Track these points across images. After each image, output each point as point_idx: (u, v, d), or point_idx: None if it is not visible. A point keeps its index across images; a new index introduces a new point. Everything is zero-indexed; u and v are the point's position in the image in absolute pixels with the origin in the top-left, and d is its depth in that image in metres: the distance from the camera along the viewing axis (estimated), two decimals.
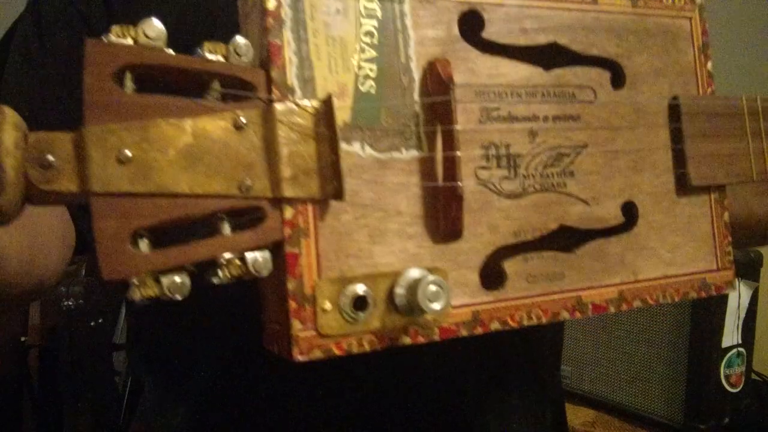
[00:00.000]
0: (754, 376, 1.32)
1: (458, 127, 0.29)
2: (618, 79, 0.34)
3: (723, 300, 1.19)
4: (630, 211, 0.34)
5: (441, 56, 0.30)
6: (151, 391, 0.66)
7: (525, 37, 0.32)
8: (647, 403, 1.26)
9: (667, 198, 0.34)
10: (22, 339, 2.00)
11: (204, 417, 0.59)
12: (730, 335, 1.22)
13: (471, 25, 0.31)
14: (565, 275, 0.32)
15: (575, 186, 0.32)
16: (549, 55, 0.32)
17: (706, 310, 1.19)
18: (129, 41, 0.24)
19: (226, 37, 0.27)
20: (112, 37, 0.24)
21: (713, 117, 0.35)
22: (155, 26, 0.25)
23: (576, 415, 1.33)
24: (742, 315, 1.25)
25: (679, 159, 0.35)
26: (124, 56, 0.24)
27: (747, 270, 1.22)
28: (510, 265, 0.31)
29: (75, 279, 2.03)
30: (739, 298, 1.21)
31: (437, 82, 0.29)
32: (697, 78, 0.36)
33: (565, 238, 0.32)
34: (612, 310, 0.34)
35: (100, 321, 2.05)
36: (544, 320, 0.32)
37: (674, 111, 0.34)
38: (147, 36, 0.24)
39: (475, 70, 0.31)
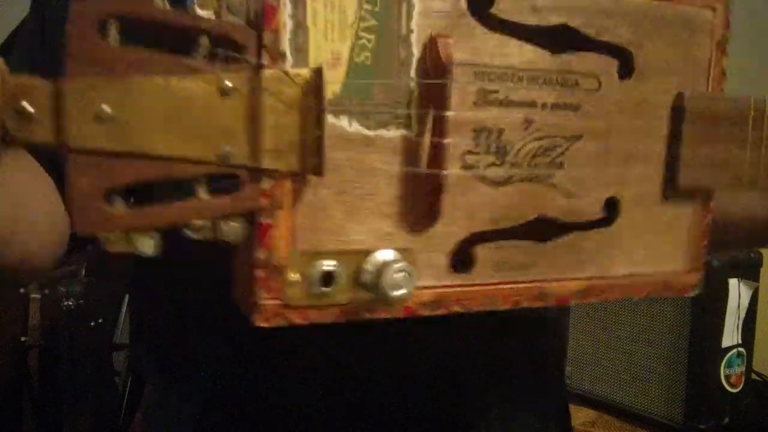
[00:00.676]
0: (754, 376, 1.32)
1: (451, 113, 0.28)
2: (626, 68, 0.32)
3: (723, 300, 1.19)
4: (612, 207, 0.33)
5: (444, 31, 0.28)
6: (154, 390, 0.66)
7: (536, 16, 0.30)
8: (647, 403, 1.26)
9: (652, 197, 0.34)
10: (22, 339, 2.00)
11: (207, 416, 0.59)
12: (730, 335, 1.22)
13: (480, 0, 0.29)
14: (536, 265, 0.32)
15: (562, 178, 0.32)
16: (558, 38, 0.31)
17: (706, 310, 1.19)
18: None
19: None
20: None
21: (716, 119, 0.34)
22: None
23: (576, 415, 1.33)
24: (742, 315, 1.25)
25: (673, 159, 0.34)
26: (109, 6, 0.23)
27: (747, 270, 1.22)
28: (481, 251, 0.31)
29: (75, 279, 2.03)
30: (739, 298, 1.21)
31: (436, 62, 0.28)
32: (709, 75, 0.35)
33: (542, 229, 0.32)
34: (572, 302, 0.34)
35: (100, 321, 2.05)
36: (504, 307, 0.32)
37: (678, 109, 0.33)
38: None
39: (478, 48, 0.29)
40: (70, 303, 1.96)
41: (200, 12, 0.24)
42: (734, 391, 1.24)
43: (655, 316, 1.24)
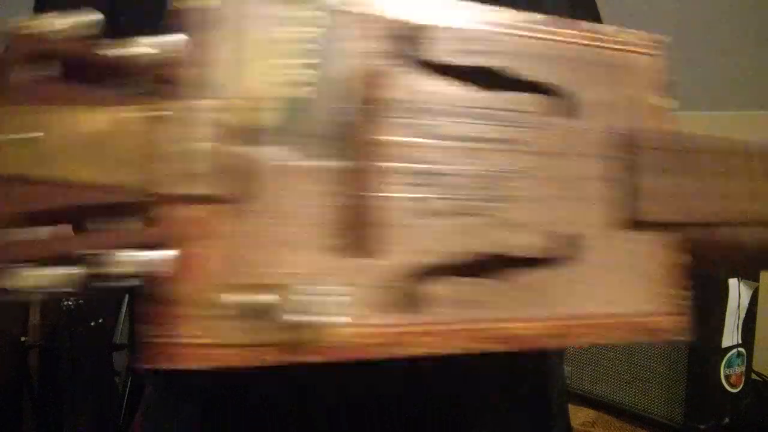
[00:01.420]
0: (754, 376, 1.32)
1: (387, 138, 0.28)
2: (565, 107, 0.33)
3: (723, 300, 1.19)
4: (567, 243, 0.31)
5: (379, 71, 0.29)
6: (154, 390, 0.66)
7: (470, 59, 0.31)
8: (647, 403, 1.26)
9: (612, 232, 0.32)
10: (22, 339, 2.00)
11: (207, 415, 0.59)
12: (730, 335, 1.22)
13: (414, 43, 0.30)
14: (496, 305, 0.30)
15: (509, 212, 0.30)
16: (494, 79, 0.32)
17: (706, 310, 1.19)
18: (48, 28, 0.23)
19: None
20: (31, 24, 0.23)
21: (668, 152, 0.34)
22: (77, 17, 0.24)
23: (576, 415, 1.33)
24: (742, 315, 1.25)
25: (630, 193, 0.33)
26: (29, 45, 0.23)
27: (747, 270, 1.22)
28: (431, 288, 0.29)
29: None
30: (739, 298, 1.21)
31: (370, 97, 0.28)
32: (651, 114, 0.35)
33: (496, 266, 0.30)
34: (542, 346, 0.31)
35: (100, 321, 2.05)
36: (465, 350, 0.29)
37: (626, 143, 0.33)
38: (68, 26, 0.24)
39: (413, 87, 0.30)
40: (70, 303, 1.96)
41: (136, 49, 0.25)
42: (734, 391, 1.24)
43: None
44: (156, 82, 0.25)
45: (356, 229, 0.28)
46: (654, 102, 0.35)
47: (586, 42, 0.34)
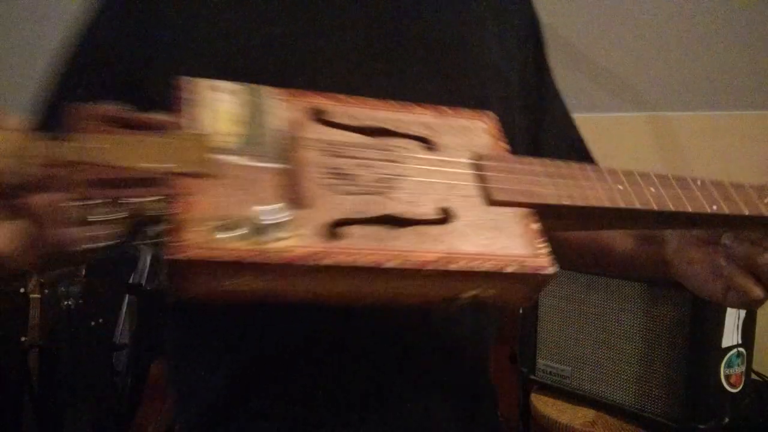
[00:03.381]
0: (754, 376, 1.33)
1: (307, 154, 0.47)
2: (428, 146, 0.51)
3: None
4: (445, 211, 0.47)
5: (298, 124, 0.49)
6: (174, 358, 0.71)
7: (356, 121, 0.51)
8: (647, 403, 1.26)
9: (478, 207, 0.48)
10: (22, 339, 2.00)
11: (244, 380, 0.64)
12: (730, 335, 1.22)
13: (318, 114, 0.51)
14: (396, 240, 0.44)
15: (398, 193, 0.47)
16: (376, 131, 0.51)
17: (706, 310, 1.19)
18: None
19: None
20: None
21: (501, 161, 0.52)
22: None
23: (576, 415, 1.33)
24: (742, 315, 1.25)
25: (481, 186, 0.50)
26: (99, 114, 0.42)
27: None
28: (347, 230, 0.43)
29: (75, 279, 2.03)
30: None
31: (295, 133, 0.48)
32: (487, 147, 0.54)
33: (393, 222, 0.45)
34: (430, 267, 0.43)
35: (100, 321, 2.05)
36: (370, 263, 0.42)
37: (475, 159, 0.51)
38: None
39: (322, 133, 0.49)
40: (70, 303, 1.96)
41: (157, 115, 0.44)
42: (734, 391, 1.24)
43: (655, 316, 1.24)
44: (168, 127, 0.44)
45: (293, 195, 0.44)
46: (492, 145, 0.54)
47: (436, 115, 0.55)
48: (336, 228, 0.43)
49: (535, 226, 0.48)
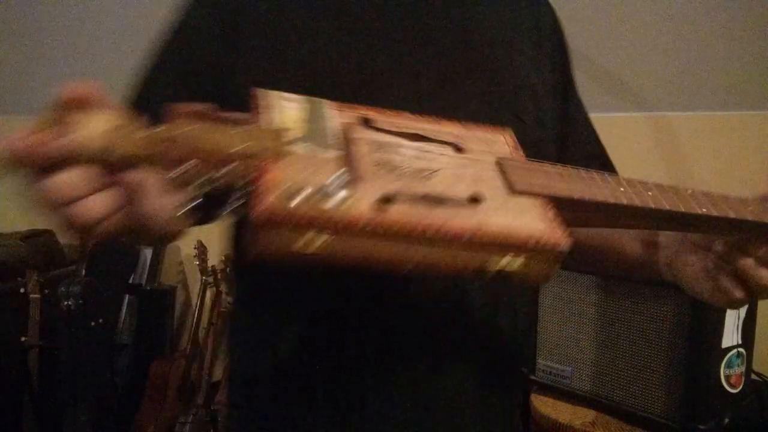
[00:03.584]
0: (754, 376, 1.33)
1: (361, 148, 0.57)
2: (458, 149, 0.61)
3: None
4: (476, 195, 0.55)
5: (351, 127, 0.59)
6: (239, 307, 0.80)
7: (397, 128, 0.61)
8: (647, 403, 1.26)
9: (502, 194, 0.57)
10: (22, 339, 2.00)
11: (310, 342, 0.72)
12: (730, 335, 1.22)
13: (366, 121, 0.61)
14: (434, 214, 0.52)
15: (435, 180, 0.56)
16: (414, 136, 0.61)
17: (706, 311, 1.20)
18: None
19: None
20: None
21: (526, 166, 0.62)
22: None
23: (576, 415, 1.33)
24: (742, 315, 1.25)
25: (503, 177, 0.59)
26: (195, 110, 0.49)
27: None
28: (395, 203, 0.52)
29: (75, 279, 2.03)
30: None
31: (347, 134, 0.58)
32: (510, 153, 0.64)
33: (432, 199, 0.53)
34: (471, 236, 0.52)
35: (100, 321, 2.05)
36: (423, 228, 0.50)
37: (499, 164, 0.61)
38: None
39: (370, 134, 0.60)
40: (70, 303, 1.96)
41: (240, 114, 0.51)
42: (734, 391, 1.24)
43: (655, 316, 1.24)
44: (250, 123, 0.52)
45: (351, 173, 0.53)
46: (511, 154, 0.64)
47: (460, 131, 0.65)
48: (386, 202, 0.51)
49: (551, 213, 0.56)
